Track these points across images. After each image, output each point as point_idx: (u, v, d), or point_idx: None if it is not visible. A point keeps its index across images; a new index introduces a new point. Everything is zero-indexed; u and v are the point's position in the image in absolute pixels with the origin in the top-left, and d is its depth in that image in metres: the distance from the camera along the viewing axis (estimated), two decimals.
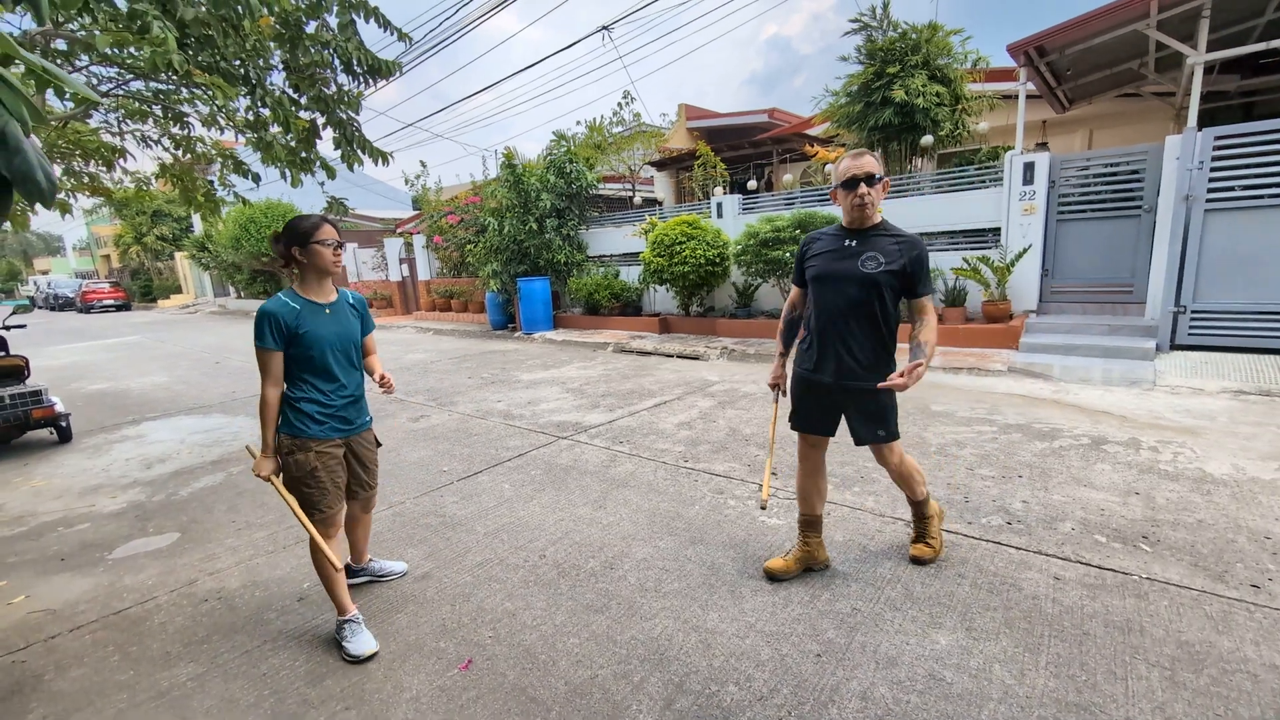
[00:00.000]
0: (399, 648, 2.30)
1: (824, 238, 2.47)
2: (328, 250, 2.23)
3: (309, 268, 2.25)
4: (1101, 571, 2.53)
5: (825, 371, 2.42)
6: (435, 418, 5.64)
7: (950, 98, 7.42)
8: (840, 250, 2.36)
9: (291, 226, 2.24)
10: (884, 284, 2.27)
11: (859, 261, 2.29)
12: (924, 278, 2.31)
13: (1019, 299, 7.13)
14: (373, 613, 2.52)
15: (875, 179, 2.23)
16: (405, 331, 13.40)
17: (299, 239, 2.21)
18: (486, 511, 3.48)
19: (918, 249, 2.29)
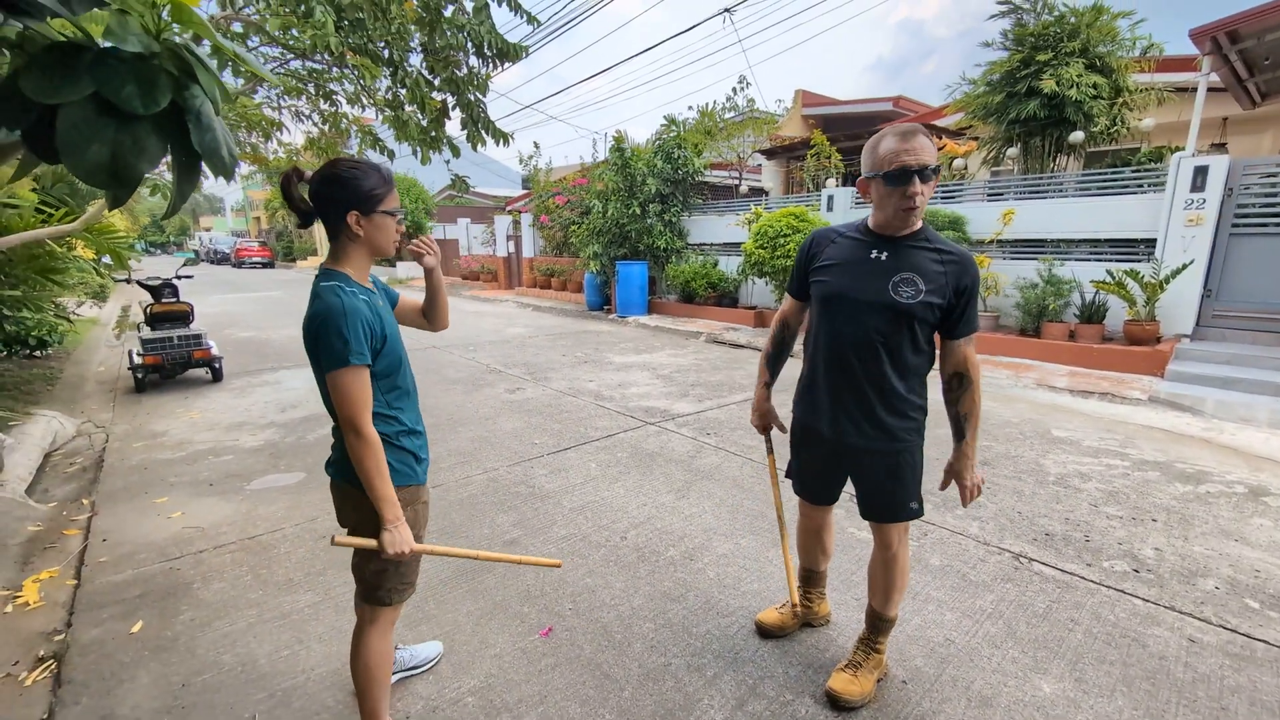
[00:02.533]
0: (487, 606, 2.43)
1: (841, 241, 1.84)
2: (393, 224, 1.58)
3: (361, 244, 1.55)
4: (1251, 642, 2.21)
5: (824, 421, 1.87)
6: (530, 391, 5.88)
7: (1109, 90, 6.61)
8: (865, 264, 1.74)
9: (349, 178, 1.48)
10: (920, 318, 1.69)
11: (890, 284, 1.69)
12: (972, 312, 1.73)
13: (1170, 321, 6.30)
14: (464, 571, 2.68)
15: (931, 173, 1.64)
16: (507, 305, 14.02)
17: (364, 202, 1.50)
18: (573, 487, 3.58)
19: (971, 273, 1.70)
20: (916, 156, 1.61)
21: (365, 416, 1.47)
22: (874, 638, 1.98)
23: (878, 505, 1.88)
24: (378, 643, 1.67)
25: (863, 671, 1.93)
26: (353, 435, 1.47)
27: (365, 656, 1.66)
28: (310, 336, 1.46)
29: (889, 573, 1.92)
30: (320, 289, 1.49)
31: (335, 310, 1.44)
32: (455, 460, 4.02)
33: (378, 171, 1.53)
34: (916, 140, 1.62)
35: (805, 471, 2.05)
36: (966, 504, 1.86)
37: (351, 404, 1.45)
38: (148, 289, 6.49)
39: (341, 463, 1.59)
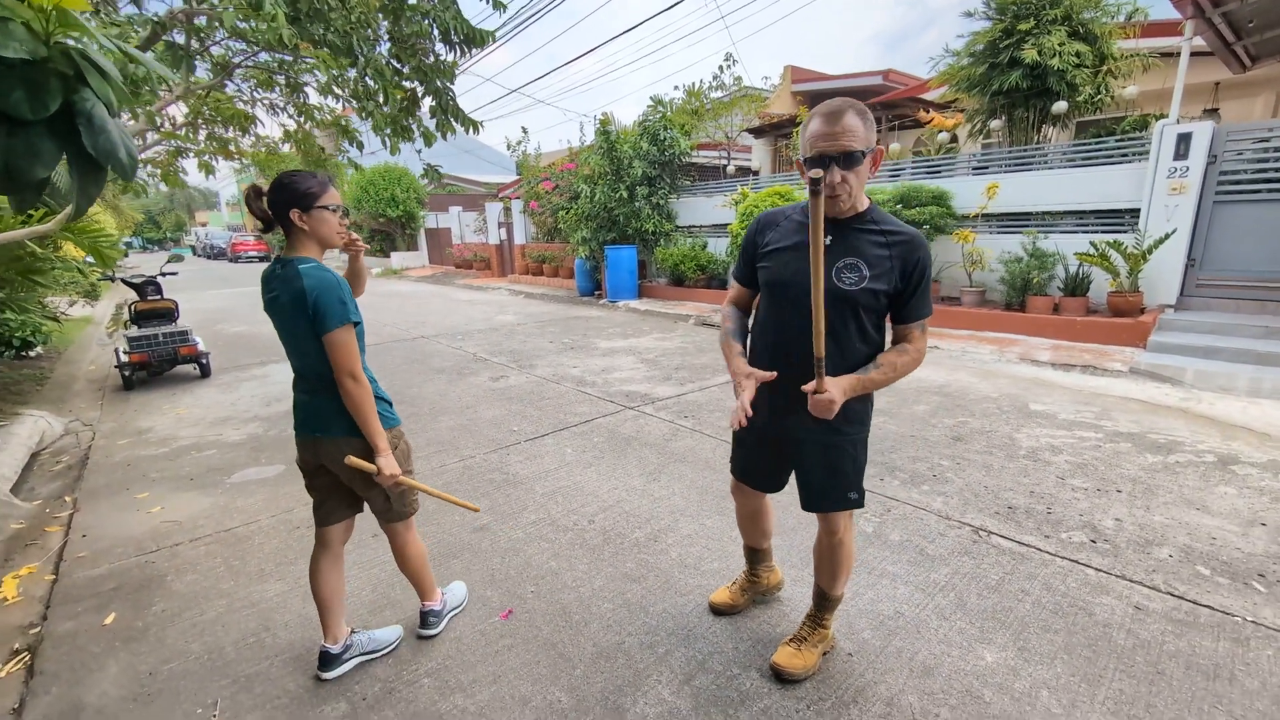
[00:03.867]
0: None
1: (786, 223, 1.77)
2: (334, 217, 1.83)
3: (308, 236, 1.81)
4: (1196, 607, 2.25)
5: (764, 410, 1.80)
6: (514, 379, 5.91)
7: (1093, 58, 6.51)
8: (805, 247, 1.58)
9: (289, 184, 1.78)
10: (864, 305, 1.63)
11: (833, 270, 1.62)
12: (920, 297, 1.65)
13: (1154, 291, 6.29)
14: (431, 557, 2.72)
15: (857, 157, 1.52)
16: (499, 293, 14.01)
17: (301, 200, 1.77)
18: (547, 473, 3.63)
19: (918, 254, 1.61)
20: (835, 142, 1.51)
21: (359, 366, 1.82)
22: (820, 614, 2.01)
23: (817, 495, 1.85)
24: (415, 541, 2.13)
25: (806, 646, 1.97)
26: (352, 382, 1.79)
27: (413, 554, 2.13)
28: (310, 305, 1.74)
29: (834, 556, 1.91)
30: (303, 269, 1.76)
31: (330, 281, 1.77)
32: (433, 449, 4.07)
33: (314, 177, 1.82)
34: (840, 123, 1.51)
35: (748, 459, 2.01)
36: (822, 386, 1.57)
37: (352, 355, 1.79)
38: (132, 287, 6.51)
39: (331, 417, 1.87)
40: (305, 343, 1.81)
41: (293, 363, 1.92)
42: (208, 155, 6.02)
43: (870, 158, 1.57)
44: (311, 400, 1.89)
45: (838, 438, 1.77)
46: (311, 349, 1.81)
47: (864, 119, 1.55)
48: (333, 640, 2.04)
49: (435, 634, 2.20)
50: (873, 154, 1.57)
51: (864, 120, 1.54)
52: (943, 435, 4.07)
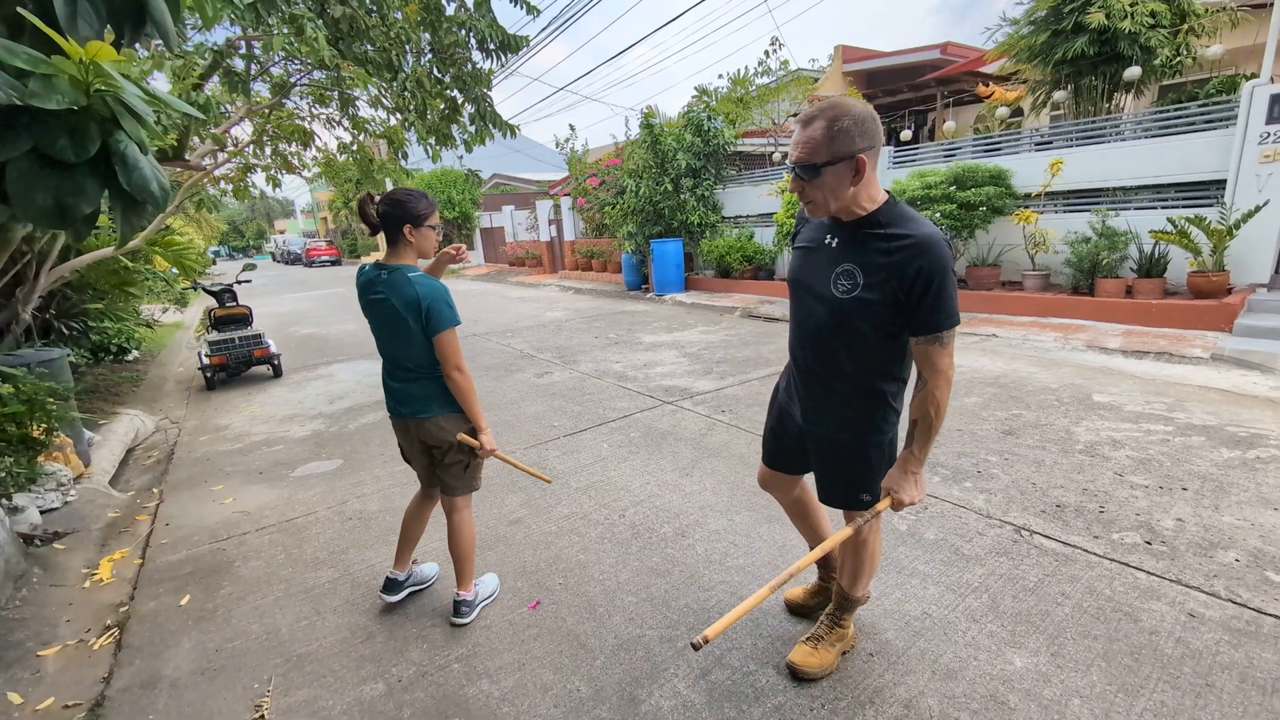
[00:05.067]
0: None
1: (810, 222, 1.73)
2: (435, 235, 2.17)
3: (412, 247, 2.15)
4: (1260, 616, 2.08)
5: (795, 406, 1.86)
6: (557, 374, 6.05)
7: (1170, 16, 5.97)
8: (819, 249, 1.64)
9: (405, 201, 2.09)
10: (856, 317, 1.54)
11: (831, 275, 1.57)
12: (929, 308, 1.47)
13: (1242, 270, 5.75)
14: None
15: (811, 169, 1.46)
16: (549, 290, 14.29)
17: (414, 218, 2.09)
18: (583, 468, 3.72)
19: (919, 260, 1.44)
20: (795, 152, 1.49)
21: (463, 359, 2.14)
22: (839, 614, 1.99)
23: (829, 492, 1.85)
24: (470, 520, 2.36)
25: (824, 645, 1.96)
26: (459, 374, 2.13)
27: (467, 533, 2.33)
28: (424, 310, 2.04)
29: (857, 555, 1.88)
30: (413, 277, 2.07)
31: (440, 288, 2.09)
32: None
33: (425, 198, 2.14)
34: (803, 133, 1.47)
35: (777, 441, 2.00)
36: (895, 509, 1.65)
37: (458, 352, 2.12)
38: (211, 294, 7.06)
39: (430, 400, 2.19)
40: (410, 339, 2.10)
41: (391, 355, 2.21)
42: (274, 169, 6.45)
43: (841, 168, 1.46)
44: (407, 387, 2.20)
45: (853, 439, 1.73)
46: (416, 345, 2.11)
47: (834, 129, 1.44)
48: (401, 569, 2.48)
49: (467, 623, 2.32)
50: (847, 163, 1.45)
51: (833, 131, 1.44)
52: (993, 429, 3.90)
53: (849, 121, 1.43)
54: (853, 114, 1.44)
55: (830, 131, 1.44)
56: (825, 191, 1.49)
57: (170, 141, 4.41)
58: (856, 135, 1.44)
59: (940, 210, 6.82)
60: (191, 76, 3.79)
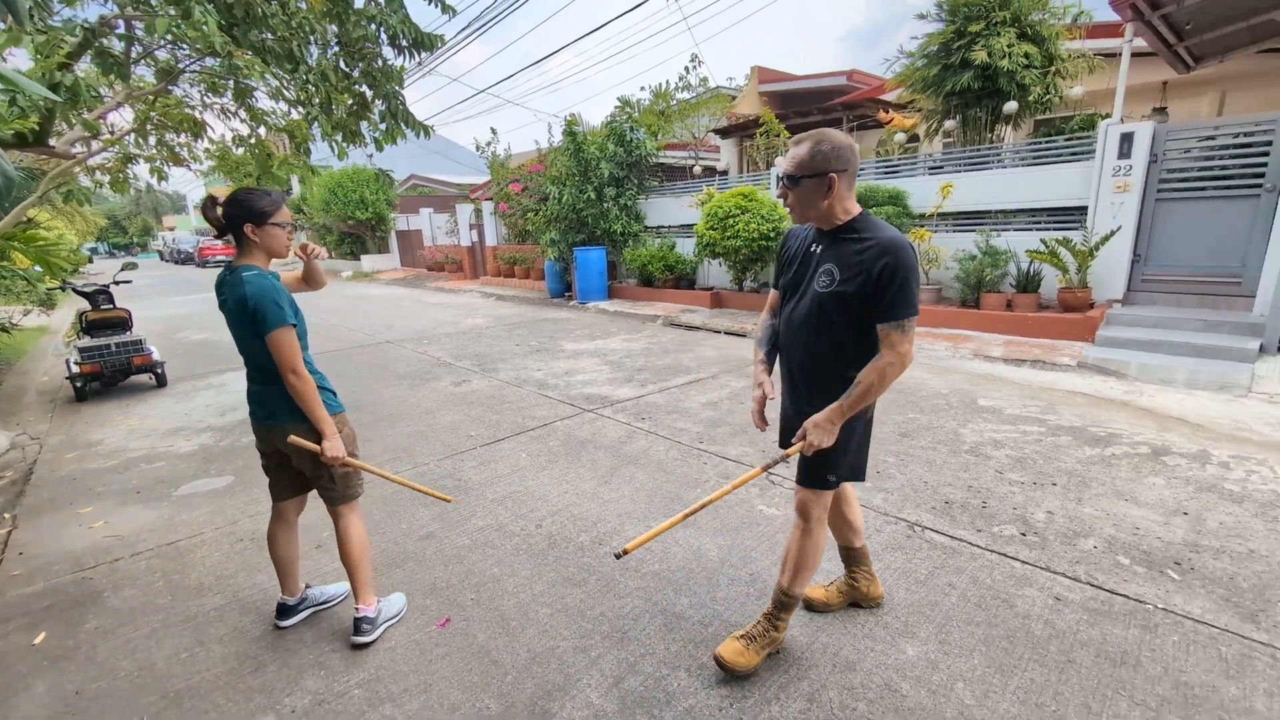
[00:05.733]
0: None
1: (797, 237, 2.02)
2: (283, 233, 2.07)
3: (258, 248, 2.04)
4: (1111, 596, 2.34)
5: (788, 400, 2.06)
6: (476, 383, 5.89)
7: (1041, 59, 6.68)
8: (805, 257, 1.92)
9: (245, 200, 1.99)
10: (834, 307, 1.78)
11: (816, 274, 1.84)
12: (891, 298, 1.69)
13: (1102, 287, 6.48)
14: (374, 567, 2.72)
15: (792, 179, 1.79)
16: (470, 296, 13.92)
17: (255, 216, 1.99)
18: (499, 478, 3.63)
19: (886, 258, 1.68)
20: (782, 165, 1.85)
21: (300, 361, 2.03)
22: (777, 613, 2.03)
23: (800, 468, 1.97)
24: (358, 526, 2.25)
25: (755, 645, 2.00)
26: (295, 377, 2.01)
27: (355, 538, 2.23)
28: (250, 309, 1.94)
29: (801, 546, 1.97)
30: (245, 276, 1.97)
31: (268, 286, 1.97)
32: (387, 456, 4.04)
33: (268, 195, 2.04)
34: (794, 149, 1.80)
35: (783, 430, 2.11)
36: (805, 452, 1.82)
37: (292, 353, 2.01)
38: (83, 295, 6.35)
39: (278, 406, 2.11)
40: (251, 341, 2.05)
41: (244, 358, 2.16)
42: (159, 161, 5.90)
43: (815, 182, 1.76)
44: (262, 390, 2.14)
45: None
46: (256, 346, 2.04)
47: (815, 150, 1.75)
48: (291, 593, 2.36)
49: (368, 641, 2.20)
50: (820, 179, 1.75)
51: (814, 151, 1.75)
52: (891, 432, 4.16)
53: (827, 147, 1.75)
54: (832, 141, 1.76)
55: (812, 152, 1.76)
56: (802, 200, 1.81)
57: (30, 125, 3.94)
58: (831, 158, 1.75)
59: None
60: (58, 55, 3.41)
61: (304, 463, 2.18)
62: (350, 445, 2.20)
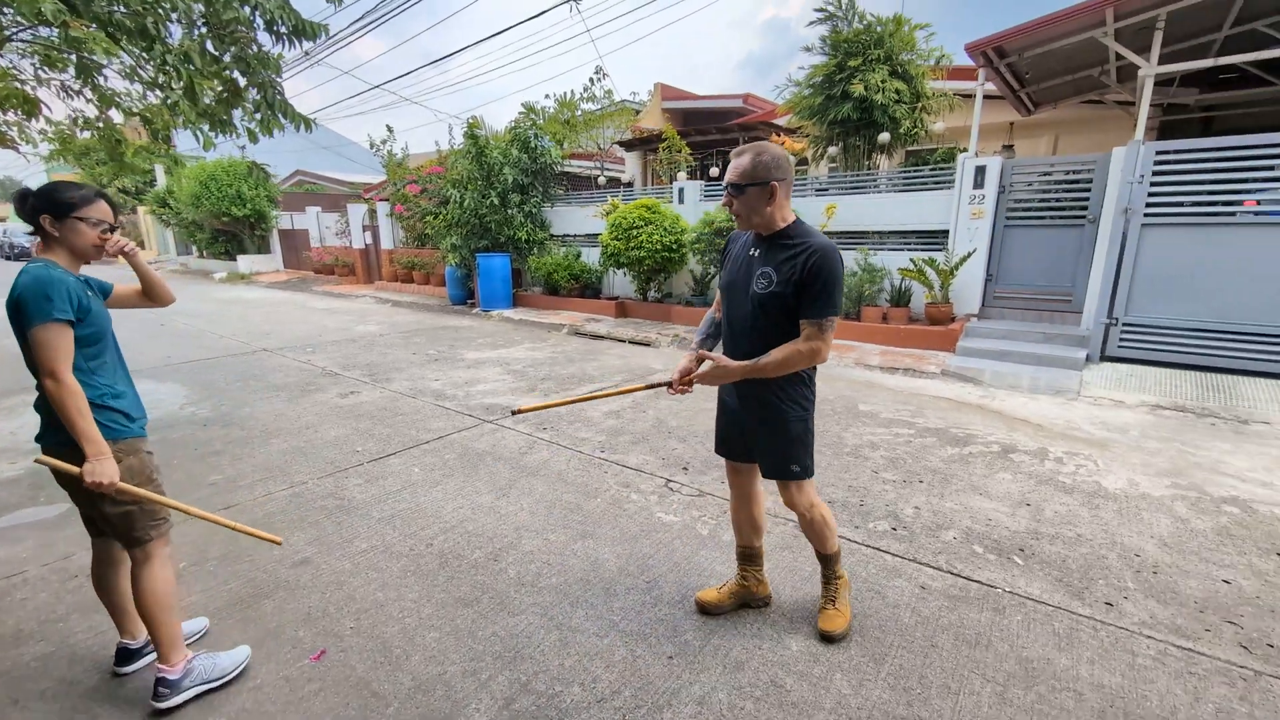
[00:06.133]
0: (257, 634, 2.26)
1: (737, 241, 2.16)
2: (91, 232, 1.82)
3: (58, 244, 1.81)
4: (967, 583, 2.59)
5: (730, 395, 2.21)
6: (366, 394, 5.54)
7: (910, 95, 7.39)
8: (745, 260, 2.04)
9: (49, 192, 1.80)
10: (773, 308, 1.94)
11: (754, 276, 1.98)
12: (813, 297, 1.86)
13: (961, 302, 7.22)
14: (239, 598, 2.48)
15: (737, 188, 1.91)
16: (363, 301, 13.12)
17: (54, 208, 1.78)
18: (388, 496, 3.43)
19: (814, 260, 1.84)
20: (729, 175, 1.95)
21: (65, 366, 1.71)
22: (830, 571, 2.31)
23: (766, 465, 2.15)
24: (155, 577, 1.91)
25: (840, 602, 2.28)
26: (53, 382, 1.69)
27: (148, 589, 1.89)
28: (15, 298, 1.69)
29: (813, 528, 2.21)
30: (28, 267, 1.74)
31: (42, 277, 1.70)
32: (258, 476, 3.69)
33: (79, 189, 1.84)
34: (735, 160, 1.93)
35: (726, 436, 2.29)
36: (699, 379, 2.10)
37: (53, 353, 1.69)
38: None
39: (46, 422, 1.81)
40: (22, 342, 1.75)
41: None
42: None
43: (758, 190, 1.90)
44: (40, 403, 1.83)
45: (778, 415, 2.07)
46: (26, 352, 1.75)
47: (756, 161, 1.89)
48: (131, 636, 2.09)
49: (165, 708, 1.87)
50: (763, 187, 1.90)
51: (756, 162, 1.89)
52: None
53: (768, 157, 1.89)
54: (771, 153, 1.90)
55: (754, 163, 1.89)
56: (747, 206, 1.93)
57: None
58: (773, 168, 1.89)
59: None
60: None
61: (73, 492, 1.87)
62: (137, 478, 1.87)
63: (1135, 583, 2.60)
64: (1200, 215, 5.72)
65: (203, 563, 2.74)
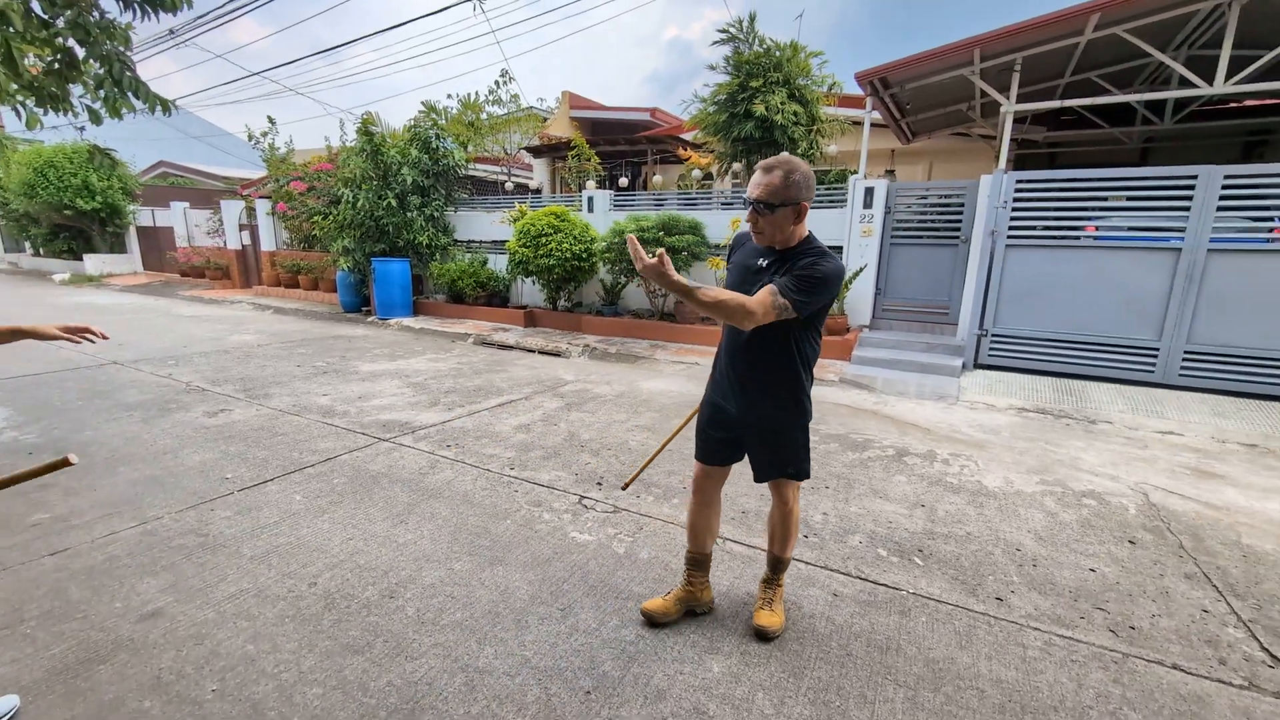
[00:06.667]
0: (86, 711, 1.87)
1: (747, 246, 2.13)
2: None
3: None
4: (875, 587, 2.66)
5: (728, 400, 2.16)
6: (239, 412, 4.95)
7: (807, 118, 7.79)
8: (754, 269, 2.03)
9: None
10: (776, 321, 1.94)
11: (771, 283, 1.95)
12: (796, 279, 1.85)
13: (855, 314, 7.67)
14: (66, 665, 2.05)
15: (765, 207, 1.88)
16: (239, 308, 11.89)
17: None
18: (263, 529, 3.03)
19: (805, 258, 1.90)
20: (754, 191, 1.91)
21: None
22: (775, 576, 2.38)
23: (763, 469, 2.23)
24: None
25: (775, 604, 2.34)
26: None
27: None
28: None
29: (786, 524, 2.29)
30: None
31: None
32: (98, 513, 3.14)
33: None
34: (765, 177, 1.89)
35: (712, 441, 2.28)
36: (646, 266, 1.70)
37: None
38: None
39: None
40: None
41: None
42: None
43: (788, 210, 1.89)
44: None
45: (782, 419, 2.12)
46: None
47: (789, 180, 1.87)
48: None
49: None
50: (794, 207, 1.89)
51: (788, 181, 1.87)
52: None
53: (799, 176, 1.88)
54: (801, 170, 1.89)
55: (786, 181, 1.87)
56: (774, 226, 1.92)
57: None
58: (804, 188, 1.89)
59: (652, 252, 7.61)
60: None
61: None
62: None
63: (1019, 576, 2.80)
64: (1052, 238, 6.44)
65: (17, 625, 2.26)
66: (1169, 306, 5.93)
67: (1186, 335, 5.88)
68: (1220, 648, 2.32)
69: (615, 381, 6.41)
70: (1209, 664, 2.22)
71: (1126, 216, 6.15)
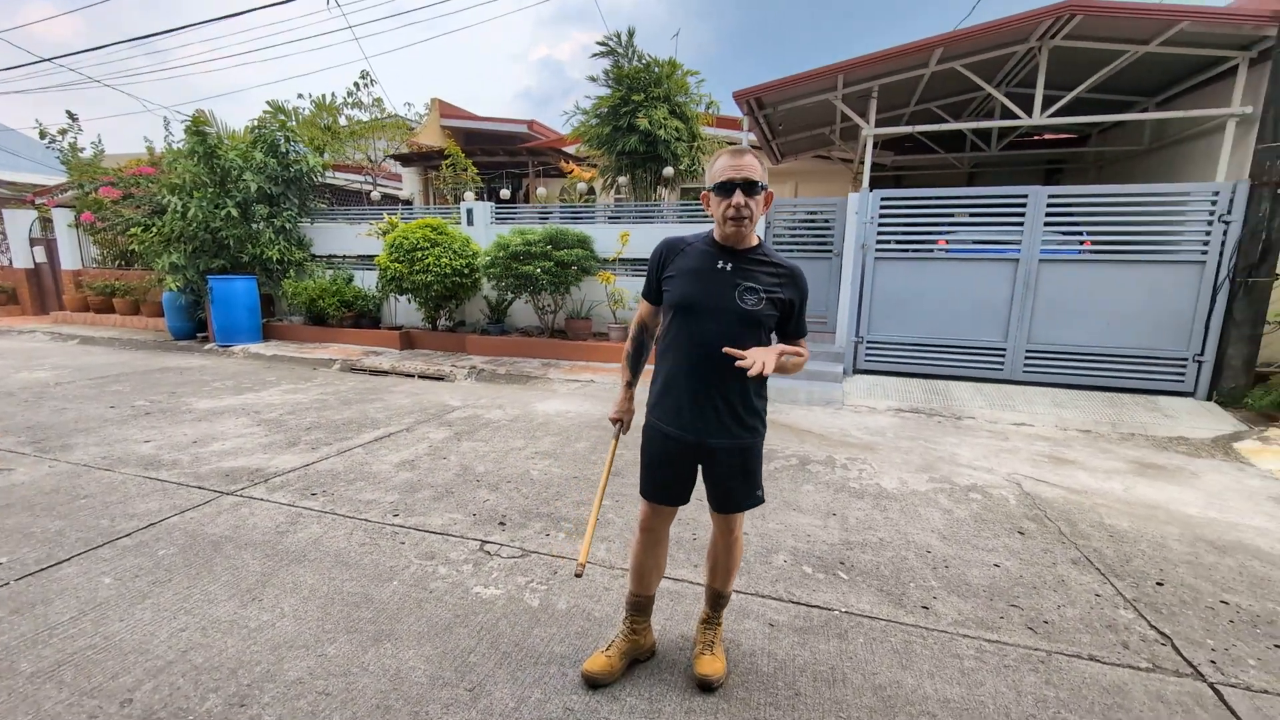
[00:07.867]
0: None
1: (689, 251, 1.95)
2: None
3: None
4: (809, 610, 2.54)
5: (689, 427, 1.93)
6: (24, 472, 3.90)
7: (688, 134, 7.90)
8: (712, 273, 1.87)
9: None
10: (765, 325, 1.89)
11: (736, 292, 1.84)
12: (800, 315, 1.97)
13: None
14: None
15: (758, 188, 1.80)
16: (31, 339, 9.79)
17: None
18: (53, 630, 2.30)
19: (800, 285, 1.92)
20: (740, 171, 1.79)
21: None
22: (716, 615, 2.19)
23: (734, 497, 2.03)
24: None
25: (717, 647, 2.15)
26: None
27: None
28: None
29: (731, 554, 2.12)
30: None
31: None
32: None
33: None
34: (744, 158, 1.82)
35: (666, 478, 2.03)
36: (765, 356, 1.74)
37: None
38: None
39: None
40: None
41: None
42: None
43: (767, 193, 1.88)
44: None
45: (751, 439, 1.98)
46: None
47: (760, 161, 1.85)
48: None
49: None
50: (766, 193, 1.87)
51: (759, 161, 1.84)
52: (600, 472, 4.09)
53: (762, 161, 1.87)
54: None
55: (759, 162, 1.84)
56: (758, 208, 1.84)
57: None
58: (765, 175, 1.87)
59: (541, 266, 7.26)
60: None
61: None
62: None
63: (936, 580, 2.82)
64: (912, 251, 6.99)
65: None
66: (1012, 310, 6.64)
67: (1027, 335, 6.62)
68: (1120, 631, 2.45)
69: (508, 405, 5.97)
70: (1116, 650, 2.33)
71: (972, 231, 6.84)
